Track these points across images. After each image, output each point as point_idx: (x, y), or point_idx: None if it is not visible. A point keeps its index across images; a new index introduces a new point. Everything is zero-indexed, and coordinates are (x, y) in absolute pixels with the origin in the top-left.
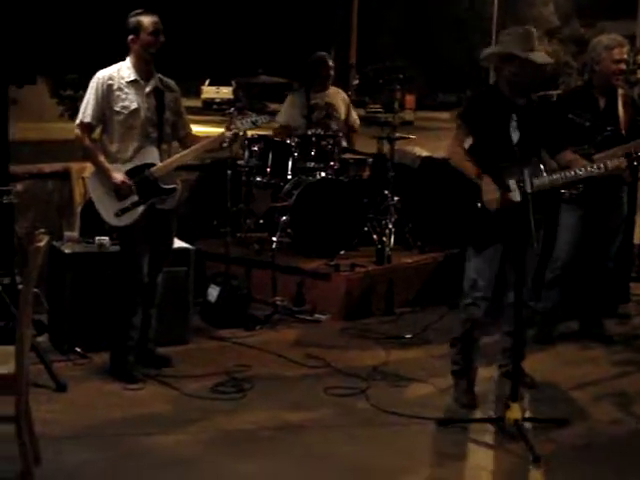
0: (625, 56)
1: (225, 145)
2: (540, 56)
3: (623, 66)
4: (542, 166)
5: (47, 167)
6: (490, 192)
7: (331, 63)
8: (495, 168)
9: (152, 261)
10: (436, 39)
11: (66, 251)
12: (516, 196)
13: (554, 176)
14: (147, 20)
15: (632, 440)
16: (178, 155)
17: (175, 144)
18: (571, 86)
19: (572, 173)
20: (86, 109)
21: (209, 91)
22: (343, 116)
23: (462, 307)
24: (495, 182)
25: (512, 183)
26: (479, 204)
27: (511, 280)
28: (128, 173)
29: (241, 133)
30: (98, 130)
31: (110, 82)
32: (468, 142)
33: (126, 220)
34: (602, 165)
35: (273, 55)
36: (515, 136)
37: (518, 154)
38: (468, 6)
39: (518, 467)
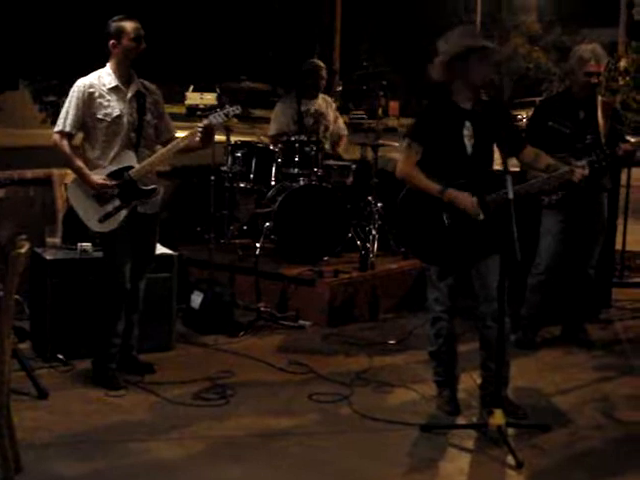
0: (600, 69)
1: (197, 138)
2: (491, 42)
3: (596, 79)
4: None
5: (29, 173)
6: (465, 199)
7: (324, 72)
8: (449, 183)
9: (135, 267)
10: (420, 46)
11: (48, 257)
12: (480, 215)
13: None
14: (129, 26)
15: (615, 445)
16: (155, 156)
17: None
18: (553, 93)
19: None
20: (66, 118)
21: (193, 97)
22: (332, 123)
23: (430, 321)
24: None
25: (474, 200)
26: (446, 220)
27: (480, 293)
28: (107, 178)
29: (214, 123)
30: (80, 136)
31: (91, 90)
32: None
33: (110, 225)
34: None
35: (257, 62)
36: (469, 145)
37: (473, 166)
38: (452, 13)
39: (501, 473)
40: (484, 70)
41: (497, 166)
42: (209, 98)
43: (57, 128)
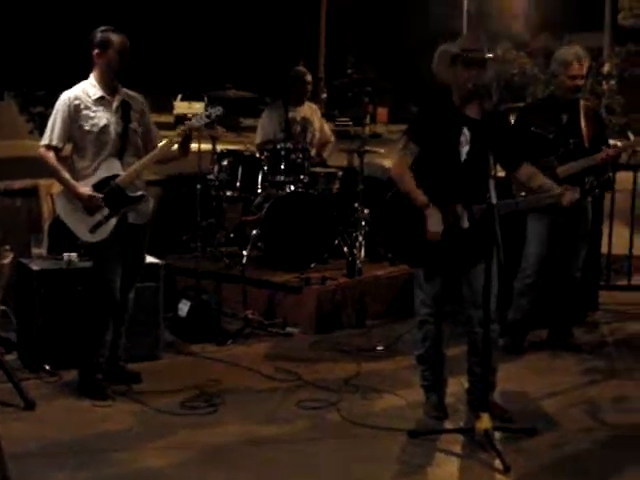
0: (583, 71)
1: (178, 139)
2: (479, 52)
3: (579, 82)
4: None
5: (16, 184)
6: (435, 225)
7: (309, 79)
8: (439, 187)
9: (124, 277)
10: (407, 52)
11: (34, 268)
12: (465, 223)
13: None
14: (116, 38)
15: (602, 448)
16: (140, 162)
17: None
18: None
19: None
20: (52, 132)
21: (181, 106)
22: (317, 131)
23: (417, 325)
24: (440, 205)
25: (459, 209)
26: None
27: (468, 298)
28: (94, 187)
29: (197, 125)
30: (69, 147)
31: (77, 102)
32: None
33: (101, 235)
34: (555, 196)
35: (244, 70)
36: (464, 152)
37: (465, 173)
38: (439, 20)
39: (489, 477)
40: (470, 77)
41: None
42: (197, 107)
43: (43, 142)
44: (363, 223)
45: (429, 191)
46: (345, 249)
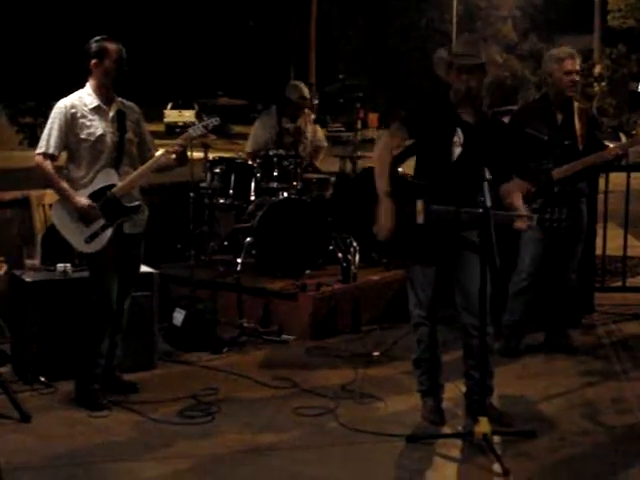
0: (577, 67)
1: (177, 148)
2: (469, 58)
3: (575, 77)
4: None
5: (6, 195)
6: (383, 217)
7: (308, 98)
8: (428, 183)
9: (120, 287)
10: (397, 57)
11: (27, 279)
12: (420, 219)
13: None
14: (112, 47)
15: (600, 450)
16: (136, 172)
17: None
18: (529, 101)
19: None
20: (49, 140)
21: (172, 115)
22: (310, 138)
23: (411, 328)
24: (428, 201)
25: (419, 204)
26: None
27: (462, 303)
28: (90, 197)
29: (194, 135)
30: (63, 156)
31: (73, 110)
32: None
33: (97, 245)
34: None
35: (234, 77)
36: (456, 153)
37: (455, 172)
38: (427, 24)
39: None
40: (461, 82)
41: None
42: (188, 115)
43: (40, 150)
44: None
45: (417, 185)
46: (339, 255)
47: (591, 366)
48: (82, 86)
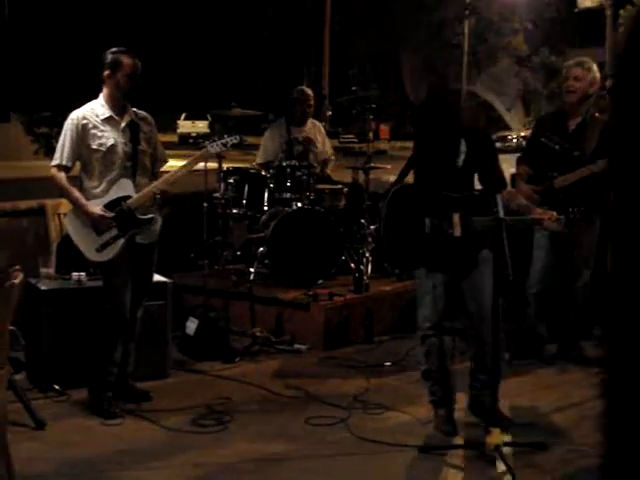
0: (578, 73)
1: (194, 166)
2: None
3: (574, 83)
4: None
5: (22, 204)
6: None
7: (311, 99)
8: (434, 189)
9: (133, 296)
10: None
11: (42, 288)
12: (457, 231)
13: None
14: (127, 61)
15: None
16: (152, 185)
17: None
18: (540, 113)
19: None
20: (62, 151)
21: (185, 125)
22: (320, 148)
23: (419, 339)
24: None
25: (455, 217)
26: (427, 227)
27: (474, 313)
28: (105, 207)
29: (213, 152)
30: (78, 165)
31: (85, 121)
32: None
33: (108, 255)
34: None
35: (247, 88)
36: (461, 160)
37: (460, 179)
38: (436, 33)
39: None
40: (457, 114)
41: None
42: (201, 126)
43: (54, 162)
44: (369, 239)
45: (451, 198)
46: (352, 265)
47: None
48: (97, 96)
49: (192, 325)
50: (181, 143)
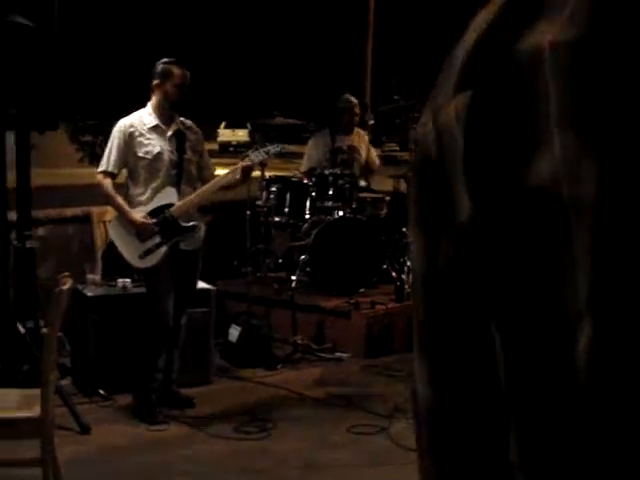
0: None
1: (238, 176)
2: None
3: None
4: None
5: (68, 211)
6: None
7: (357, 109)
8: None
9: (177, 303)
10: None
11: (89, 294)
12: None
13: None
14: (177, 72)
15: None
16: (196, 193)
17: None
18: None
19: None
20: (109, 158)
21: (225, 134)
22: (364, 158)
23: None
24: None
25: None
26: None
27: None
28: (149, 215)
29: (256, 161)
30: (124, 173)
31: (132, 129)
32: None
33: (150, 261)
34: None
35: (288, 97)
36: None
37: None
38: None
39: None
40: None
41: None
42: (241, 134)
43: (101, 168)
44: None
45: None
46: (393, 274)
47: None
48: (144, 105)
49: (235, 332)
50: (221, 151)
